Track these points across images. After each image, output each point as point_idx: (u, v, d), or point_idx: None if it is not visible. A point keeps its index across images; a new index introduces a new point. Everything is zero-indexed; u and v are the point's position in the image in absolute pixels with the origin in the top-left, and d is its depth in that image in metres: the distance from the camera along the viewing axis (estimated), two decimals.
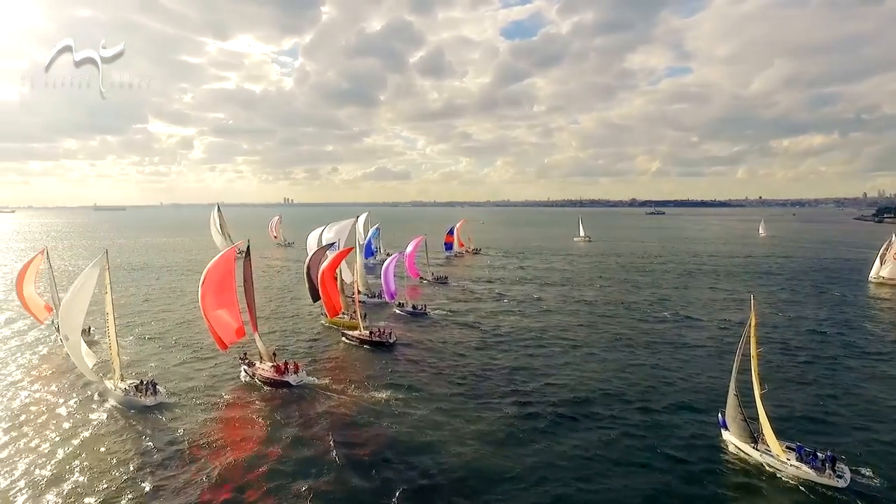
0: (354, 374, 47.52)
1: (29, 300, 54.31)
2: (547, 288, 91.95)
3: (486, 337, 59.28)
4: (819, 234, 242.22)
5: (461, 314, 70.24)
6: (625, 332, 61.54)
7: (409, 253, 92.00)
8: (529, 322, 66.13)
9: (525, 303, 78.48)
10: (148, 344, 56.90)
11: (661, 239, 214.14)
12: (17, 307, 64.51)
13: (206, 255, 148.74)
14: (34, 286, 55.83)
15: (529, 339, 58.47)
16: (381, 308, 73.41)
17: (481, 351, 53.98)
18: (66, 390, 43.47)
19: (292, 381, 43.97)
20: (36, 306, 55.01)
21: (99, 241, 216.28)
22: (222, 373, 47.74)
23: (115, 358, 40.82)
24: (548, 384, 44.70)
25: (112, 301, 40.84)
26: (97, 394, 41.99)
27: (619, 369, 48.42)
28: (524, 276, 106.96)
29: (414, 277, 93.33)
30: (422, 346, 55.45)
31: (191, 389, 43.31)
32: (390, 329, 57.66)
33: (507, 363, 50.27)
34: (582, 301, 79.68)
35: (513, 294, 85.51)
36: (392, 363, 50.28)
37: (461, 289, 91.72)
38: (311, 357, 52.34)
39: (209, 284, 44.99)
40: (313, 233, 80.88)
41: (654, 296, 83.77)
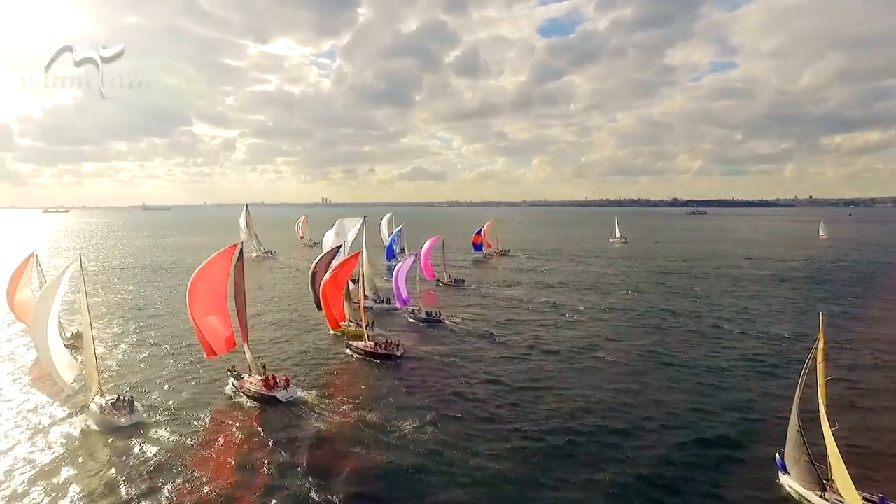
0: (353, 390, 43.35)
1: (22, 305, 52.41)
2: (575, 293, 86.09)
3: (503, 350, 54.15)
4: (886, 236, 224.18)
5: (478, 322, 65.41)
6: (663, 347, 55.13)
7: (425, 251, 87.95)
8: (554, 333, 60.66)
9: (549, 310, 73.00)
10: (141, 351, 53.98)
11: (706, 241, 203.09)
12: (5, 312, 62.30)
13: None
14: (30, 290, 53.79)
15: (553, 353, 52.92)
16: (392, 315, 69.36)
17: (497, 367, 48.79)
18: (44, 405, 40.40)
19: (280, 397, 40.34)
20: (27, 311, 52.94)
21: (141, 240, 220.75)
22: (207, 386, 44.28)
23: (93, 371, 37.55)
24: (573, 409, 39.21)
25: (89, 309, 37.88)
26: (77, 409, 38.68)
27: (657, 392, 42.68)
28: (551, 280, 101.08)
29: (430, 278, 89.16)
30: (431, 360, 50.79)
31: (172, 405, 39.89)
32: (398, 341, 53.27)
33: (526, 382, 45.01)
34: (614, 309, 73.50)
35: (537, 300, 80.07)
36: (396, 379, 45.81)
37: (480, 293, 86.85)
38: (308, 370, 48.43)
39: (200, 289, 41.82)
40: (328, 232, 77.11)
41: (699, 305, 76.45)
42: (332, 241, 70.91)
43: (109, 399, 37.60)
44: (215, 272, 42.49)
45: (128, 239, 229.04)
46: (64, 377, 36.83)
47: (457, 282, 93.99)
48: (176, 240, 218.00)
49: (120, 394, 39.16)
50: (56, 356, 36.49)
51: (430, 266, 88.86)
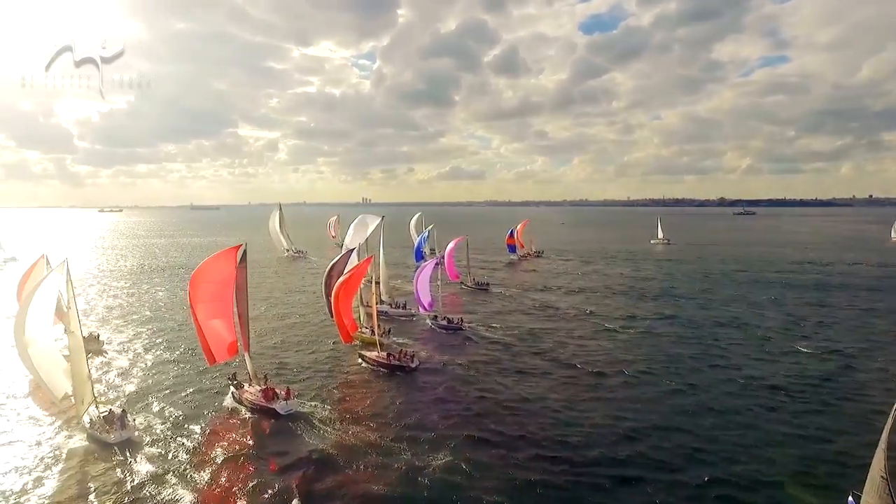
0: (360, 405, 40.02)
1: None
2: (611, 299, 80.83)
3: (527, 362, 49.92)
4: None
5: (501, 330, 61.28)
6: (710, 362, 49.70)
7: (449, 252, 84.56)
8: (584, 344, 55.91)
9: (581, 317, 68.28)
10: (148, 357, 51.88)
11: (757, 243, 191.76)
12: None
13: (264, 256, 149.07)
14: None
15: (583, 367, 48.14)
16: (408, 322, 65.76)
17: (520, 382, 44.44)
18: (33, 417, 37.87)
19: (279, 409, 37.59)
20: None
21: (189, 238, 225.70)
22: (207, 395, 41.90)
23: (85, 382, 35.11)
24: (607, 436, 34.73)
25: (78, 316, 35.79)
26: (66, 423, 36.32)
27: (703, 416, 37.82)
28: (585, 283, 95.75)
29: (453, 279, 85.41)
30: (448, 373, 47.01)
31: (166, 418, 37.49)
32: (412, 351, 49.82)
33: (552, 400, 40.55)
34: (654, 317, 67.98)
35: (568, 305, 75.32)
36: (408, 394, 42.23)
37: (506, 297, 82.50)
38: (315, 380, 45.44)
39: (203, 290, 39.71)
40: (349, 231, 74.26)
41: (750, 314, 69.78)
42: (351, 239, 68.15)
43: (102, 412, 35.35)
44: (219, 273, 40.29)
45: (166, 238, 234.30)
46: (52, 388, 34.86)
47: (481, 285, 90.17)
48: (218, 239, 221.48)
49: (114, 405, 37.08)
50: (43, 365, 34.50)
51: (454, 267, 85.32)
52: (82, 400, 34.98)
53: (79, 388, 34.79)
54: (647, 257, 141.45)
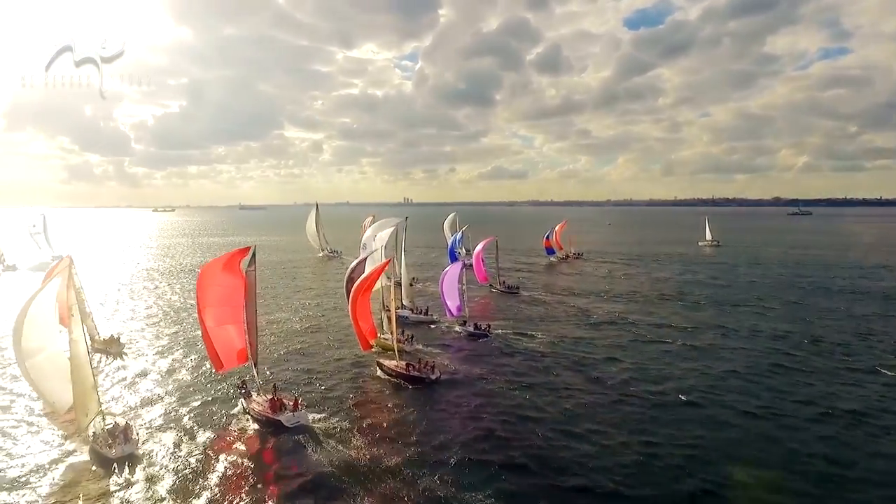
0: (372, 419, 37.28)
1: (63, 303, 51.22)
2: (651, 305, 75.70)
3: (558, 377, 45.94)
4: None
5: (531, 338, 57.49)
6: (763, 381, 44.59)
7: (478, 253, 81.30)
8: (621, 356, 51.47)
9: (618, 325, 63.71)
10: (163, 362, 50.46)
11: (816, 245, 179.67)
12: None
13: (301, 256, 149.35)
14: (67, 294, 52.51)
15: (622, 384, 43.86)
16: (431, 328, 62.57)
17: (551, 401, 40.37)
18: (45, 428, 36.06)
19: (285, 422, 35.32)
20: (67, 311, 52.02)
21: (236, 237, 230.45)
22: (215, 404, 40.09)
23: (89, 392, 33.56)
24: (656, 472, 30.66)
25: (83, 320, 34.52)
26: (70, 436, 34.44)
27: (763, 447, 33.30)
28: (625, 288, 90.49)
29: (482, 281, 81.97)
30: (471, 385, 43.69)
31: (171, 429, 35.75)
32: (433, 361, 46.68)
33: (585, 424, 36.32)
34: (699, 327, 62.64)
35: (604, 312, 70.72)
36: (426, 409, 38.98)
37: (538, 302, 78.46)
38: (327, 389, 42.91)
39: (211, 293, 37.98)
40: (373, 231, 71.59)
41: (810, 325, 63.34)
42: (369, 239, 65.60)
43: (108, 424, 33.59)
44: (228, 276, 38.37)
45: (213, 237, 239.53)
46: (53, 401, 33.40)
47: (511, 288, 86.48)
48: (262, 238, 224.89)
49: (119, 417, 35.50)
50: (45, 377, 33.11)
51: (483, 268, 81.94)
52: (86, 412, 33.24)
53: (82, 399, 32.94)
54: (694, 260, 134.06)
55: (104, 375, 46.22)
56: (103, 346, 51.61)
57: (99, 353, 51.21)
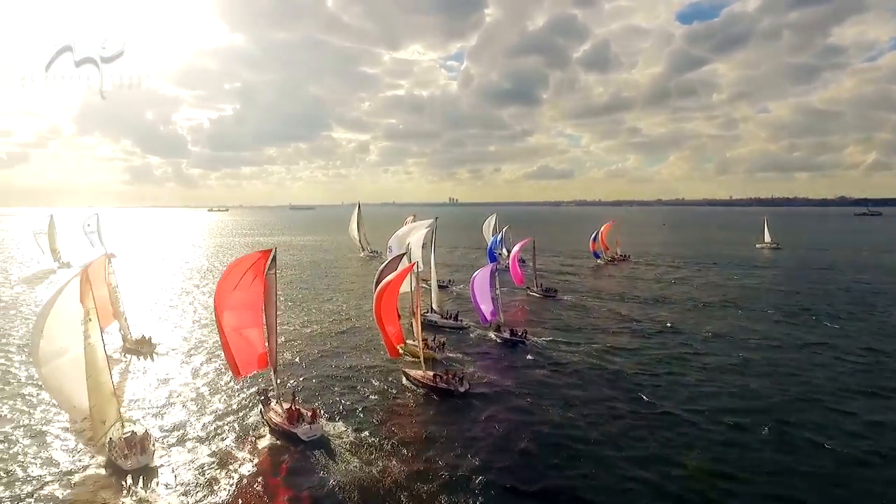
0: (395, 434, 34.78)
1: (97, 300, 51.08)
2: (703, 313, 70.39)
3: (598, 391, 42.35)
4: None
5: (569, 347, 53.84)
6: (833, 404, 39.63)
7: (514, 255, 77.97)
8: (670, 371, 47.25)
9: (665, 335, 59.15)
10: (189, 363, 49.99)
11: (889, 248, 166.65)
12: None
13: (342, 255, 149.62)
14: (105, 288, 52.71)
15: (668, 404, 39.90)
16: (461, 333, 59.68)
17: (589, 421, 36.81)
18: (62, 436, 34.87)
19: (301, 435, 33.43)
20: (102, 309, 51.95)
21: (285, 237, 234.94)
22: (236, 411, 38.71)
23: (108, 399, 32.75)
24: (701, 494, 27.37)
25: (99, 322, 33.57)
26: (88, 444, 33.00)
27: (838, 481, 29.23)
28: (674, 293, 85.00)
29: (518, 284, 78.39)
30: (503, 400, 40.45)
31: (188, 438, 34.49)
32: (462, 372, 43.67)
33: (627, 450, 32.83)
34: (757, 339, 57.26)
35: (649, 319, 66.08)
36: (454, 425, 36.20)
37: (578, 307, 74.44)
38: (350, 399, 40.74)
39: (230, 297, 36.57)
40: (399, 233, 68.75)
41: (889, 339, 57.09)
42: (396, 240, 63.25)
43: (125, 433, 32.48)
44: (248, 279, 36.81)
45: (261, 237, 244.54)
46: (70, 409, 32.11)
47: (549, 292, 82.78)
48: (310, 237, 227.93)
49: (138, 425, 34.27)
50: (62, 383, 31.71)
51: (520, 271, 78.49)
52: (103, 420, 32.15)
53: (99, 407, 31.83)
54: (753, 263, 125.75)
55: (130, 377, 46.06)
56: (135, 347, 51.51)
57: (130, 354, 51.24)
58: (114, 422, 32.92)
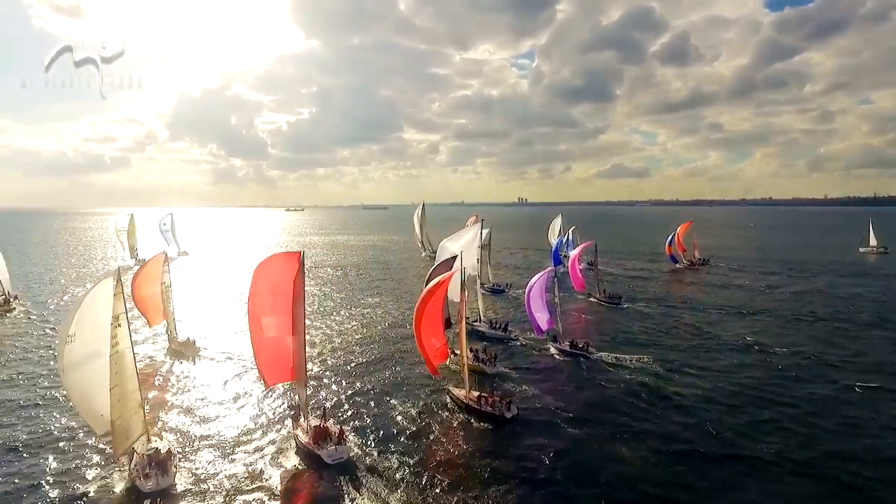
0: (427, 465, 30.80)
1: (146, 300, 51.01)
2: (795, 328, 61.74)
3: (669, 420, 36.77)
4: None
5: (637, 364, 47.88)
6: None
7: (574, 258, 72.13)
8: (759, 397, 40.67)
9: (750, 353, 51.82)
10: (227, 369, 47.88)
11: None
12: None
13: (406, 256, 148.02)
14: (159, 286, 52.12)
15: (754, 437, 34.15)
16: (512, 344, 55.08)
17: (662, 455, 31.84)
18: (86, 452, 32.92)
19: (325, 458, 30.51)
20: (153, 307, 51.77)
21: (356, 236, 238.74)
22: (265, 424, 36.22)
23: (133, 414, 30.74)
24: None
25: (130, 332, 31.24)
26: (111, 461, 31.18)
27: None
28: (761, 303, 75.83)
29: (579, 289, 72.11)
30: (556, 428, 35.41)
31: (213, 457, 32.12)
32: (510, 396, 38.70)
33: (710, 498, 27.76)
34: (863, 362, 49.09)
35: (732, 335, 58.32)
36: (497, 456, 31.66)
37: (646, 316, 67.88)
38: (385, 420, 36.89)
39: (262, 302, 34.40)
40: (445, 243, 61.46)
41: None
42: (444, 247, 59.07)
43: (149, 450, 30.58)
44: (275, 283, 34.38)
45: (334, 236, 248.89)
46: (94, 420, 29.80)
47: (612, 298, 76.28)
48: (382, 237, 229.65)
49: (163, 443, 32.13)
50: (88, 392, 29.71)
51: (581, 276, 72.45)
52: (127, 435, 30.23)
53: (123, 420, 29.82)
54: (855, 271, 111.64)
55: (166, 382, 44.82)
56: (179, 348, 50.94)
57: (173, 356, 50.62)
58: (138, 436, 31.16)
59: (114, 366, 29.63)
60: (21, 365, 48.50)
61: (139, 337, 57.23)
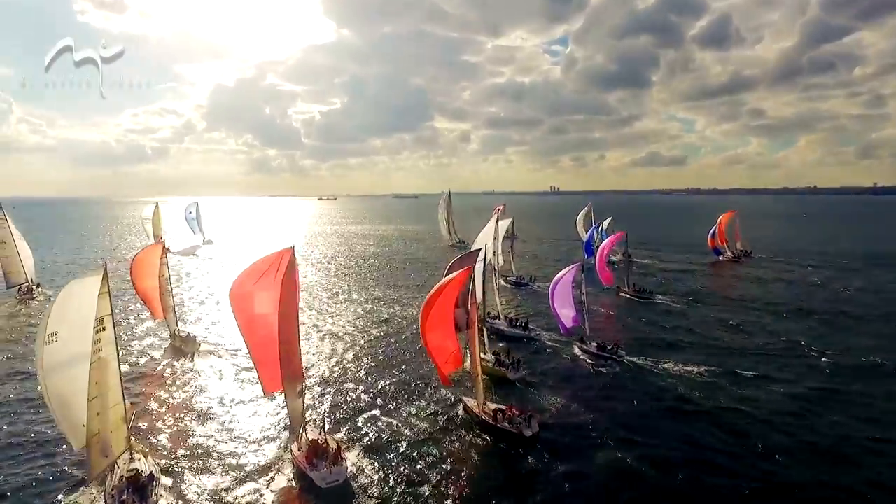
0: (432, 489, 27.26)
1: (148, 291, 48.57)
2: (846, 328, 55.82)
3: (711, 433, 32.62)
4: None
5: (675, 368, 43.13)
6: None
7: (602, 250, 66.93)
8: (810, 408, 36.00)
9: (793, 355, 46.62)
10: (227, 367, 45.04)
11: None
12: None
13: (426, 246, 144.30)
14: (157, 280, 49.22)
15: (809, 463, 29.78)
16: (531, 343, 50.95)
17: (720, 487, 27.61)
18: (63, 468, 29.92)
19: (317, 482, 27.13)
20: (153, 300, 49.29)
21: (385, 226, 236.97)
22: (256, 442, 32.78)
23: (115, 427, 27.59)
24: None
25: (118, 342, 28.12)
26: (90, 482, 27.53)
27: None
28: (810, 300, 69.38)
29: (606, 284, 67.12)
30: (583, 448, 31.07)
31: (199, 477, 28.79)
32: (529, 411, 33.96)
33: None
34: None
35: (780, 337, 52.76)
36: (513, 483, 27.88)
37: (680, 314, 62.77)
38: (388, 435, 33.15)
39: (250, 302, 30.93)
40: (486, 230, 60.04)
41: None
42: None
43: (129, 472, 27.16)
44: (270, 283, 30.96)
45: (363, 225, 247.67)
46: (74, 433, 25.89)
47: (643, 293, 71.21)
48: (400, 227, 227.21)
49: (145, 462, 28.51)
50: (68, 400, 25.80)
51: (608, 269, 67.18)
52: (105, 453, 26.87)
53: (102, 437, 26.59)
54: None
55: (160, 383, 41.80)
56: (179, 344, 48.48)
57: (172, 353, 48.28)
58: (119, 455, 27.79)
59: (94, 374, 26.17)
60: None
61: (139, 330, 55.23)
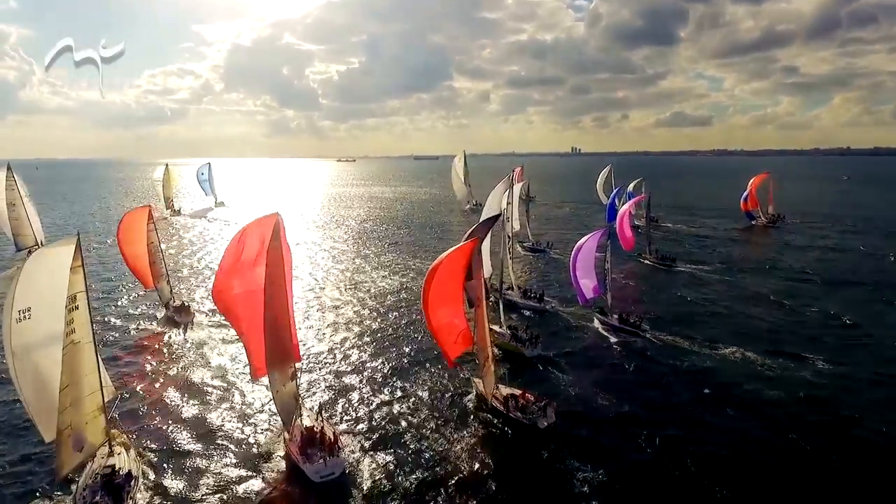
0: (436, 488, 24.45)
1: (137, 259, 46.01)
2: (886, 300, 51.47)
3: (749, 422, 29.51)
4: None
5: (704, 348, 39.50)
6: None
7: (622, 214, 62.74)
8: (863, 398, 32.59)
9: (841, 333, 42.78)
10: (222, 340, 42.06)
11: None
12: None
13: (441, 209, 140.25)
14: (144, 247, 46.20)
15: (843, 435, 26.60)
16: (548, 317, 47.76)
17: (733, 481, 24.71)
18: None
19: (310, 475, 24.62)
20: (141, 269, 46.73)
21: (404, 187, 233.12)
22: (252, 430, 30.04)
23: (91, 420, 24.73)
24: None
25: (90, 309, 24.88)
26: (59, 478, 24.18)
27: None
28: (841, 270, 64.83)
29: (627, 248, 63.05)
30: (604, 442, 27.78)
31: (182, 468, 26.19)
32: (544, 399, 30.44)
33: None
34: None
35: (822, 308, 48.88)
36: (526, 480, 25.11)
37: (706, 283, 59.36)
38: (391, 421, 30.30)
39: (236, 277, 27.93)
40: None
41: None
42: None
43: (105, 469, 24.49)
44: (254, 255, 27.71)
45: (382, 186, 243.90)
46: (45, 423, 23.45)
47: (665, 260, 67.77)
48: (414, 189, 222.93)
49: (122, 457, 25.55)
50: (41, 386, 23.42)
51: (630, 233, 62.80)
52: (78, 447, 23.98)
53: (75, 430, 23.69)
54: None
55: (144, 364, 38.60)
56: (172, 315, 46.27)
57: (165, 324, 46.22)
58: (94, 449, 25.08)
59: (67, 360, 23.20)
60: None
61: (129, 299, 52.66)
